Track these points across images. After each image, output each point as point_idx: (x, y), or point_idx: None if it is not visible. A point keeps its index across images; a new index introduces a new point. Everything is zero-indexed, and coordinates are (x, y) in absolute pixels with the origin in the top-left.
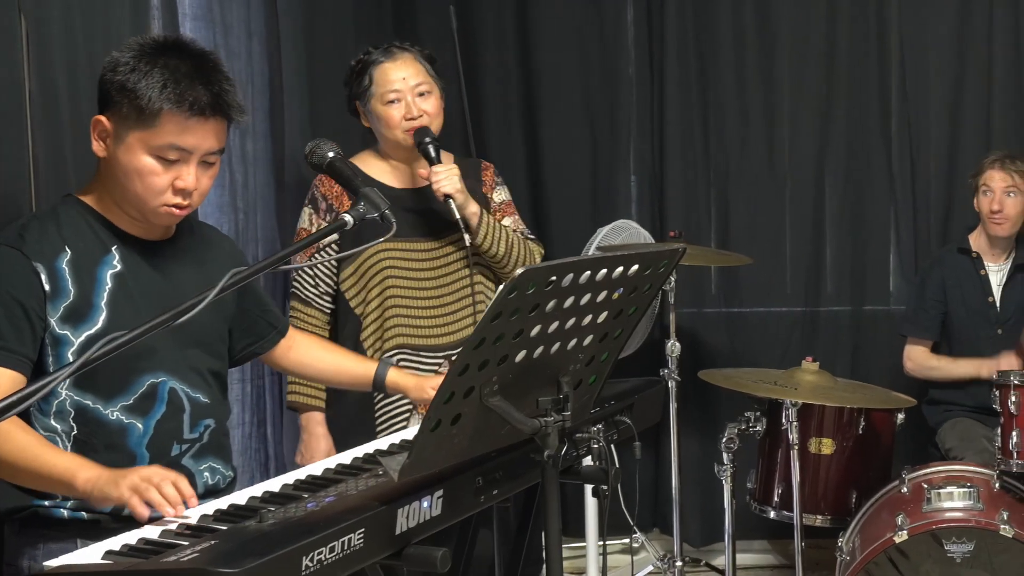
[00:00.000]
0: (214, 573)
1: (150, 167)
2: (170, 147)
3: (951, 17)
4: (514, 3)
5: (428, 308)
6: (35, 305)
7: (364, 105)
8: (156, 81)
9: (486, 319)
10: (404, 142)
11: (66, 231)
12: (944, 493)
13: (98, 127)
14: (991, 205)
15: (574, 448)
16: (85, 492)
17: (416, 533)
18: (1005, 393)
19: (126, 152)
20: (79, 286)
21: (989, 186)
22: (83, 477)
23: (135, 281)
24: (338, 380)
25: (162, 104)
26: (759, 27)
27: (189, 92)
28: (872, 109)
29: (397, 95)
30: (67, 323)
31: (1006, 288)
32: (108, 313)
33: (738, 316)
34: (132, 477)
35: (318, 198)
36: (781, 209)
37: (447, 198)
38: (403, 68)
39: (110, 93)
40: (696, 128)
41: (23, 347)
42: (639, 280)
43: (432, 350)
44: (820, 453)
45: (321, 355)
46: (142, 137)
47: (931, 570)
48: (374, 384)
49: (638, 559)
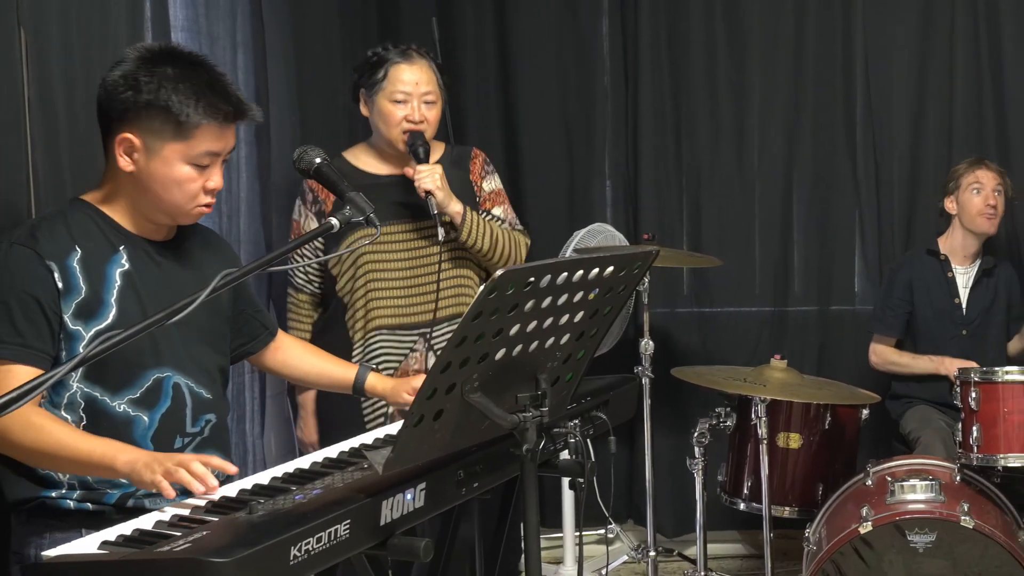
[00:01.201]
0: (206, 563)
1: (188, 175)
2: (206, 154)
3: (914, 27)
4: (494, 15)
5: (405, 288)
6: (50, 301)
7: (370, 96)
8: (188, 97)
9: (467, 318)
10: (397, 141)
11: (75, 231)
12: (907, 486)
13: (124, 144)
14: (986, 200)
15: (552, 442)
16: (125, 473)
17: (400, 524)
18: (966, 389)
19: (162, 164)
20: (90, 283)
21: (982, 183)
22: (123, 460)
23: (141, 279)
24: (320, 382)
25: (199, 119)
26: (729, 39)
27: (219, 103)
28: (838, 117)
29: (406, 96)
30: (79, 318)
31: (972, 291)
32: (117, 309)
33: (709, 316)
34: (167, 463)
35: (306, 191)
36: (750, 213)
37: (428, 195)
38: (418, 72)
39: (134, 110)
40: (668, 135)
41: (42, 343)
42: (614, 281)
43: (408, 328)
44: (788, 447)
45: (306, 358)
46: (178, 148)
47: (894, 560)
48: (354, 388)
49: (613, 549)
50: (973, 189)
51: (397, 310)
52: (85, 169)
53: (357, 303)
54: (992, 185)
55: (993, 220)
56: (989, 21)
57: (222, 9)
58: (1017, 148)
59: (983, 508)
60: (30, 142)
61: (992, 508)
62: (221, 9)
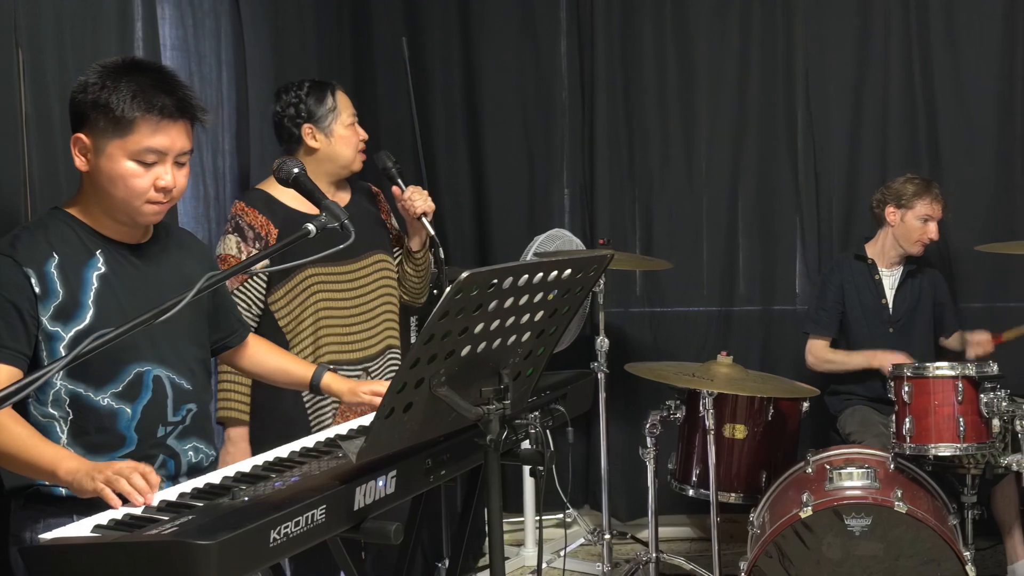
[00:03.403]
0: (191, 544)
1: (131, 171)
2: (146, 150)
3: (851, 46)
4: (460, 36)
5: (352, 325)
6: (27, 306)
7: (323, 127)
8: (126, 94)
9: (434, 317)
10: (354, 163)
11: (53, 239)
12: (844, 473)
13: (78, 144)
14: (930, 234)
15: (513, 433)
16: (66, 482)
17: (373, 509)
18: (899, 384)
19: (108, 161)
20: (67, 287)
21: (931, 216)
22: (64, 468)
23: (118, 280)
24: (282, 380)
25: (134, 112)
26: (679, 57)
27: (156, 99)
28: (779, 130)
29: (354, 119)
30: (57, 320)
31: (898, 292)
32: (95, 310)
33: (660, 315)
34: (106, 472)
35: (244, 227)
36: (698, 219)
37: (420, 217)
38: (347, 97)
39: (84, 112)
40: (622, 147)
41: (18, 344)
42: (571, 283)
43: (352, 364)
44: (734, 437)
45: (271, 357)
46: (120, 145)
47: (833, 543)
48: (311, 386)
49: (571, 532)
50: (923, 218)
51: (344, 346)
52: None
53: (305, 340)
54: (938, 218)
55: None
56: (921, 42)
57: (208, 30)
58: (947, 160)
59: (915, 494)
60: (27, 153)
61: (924, 494)
62: (207, 30)
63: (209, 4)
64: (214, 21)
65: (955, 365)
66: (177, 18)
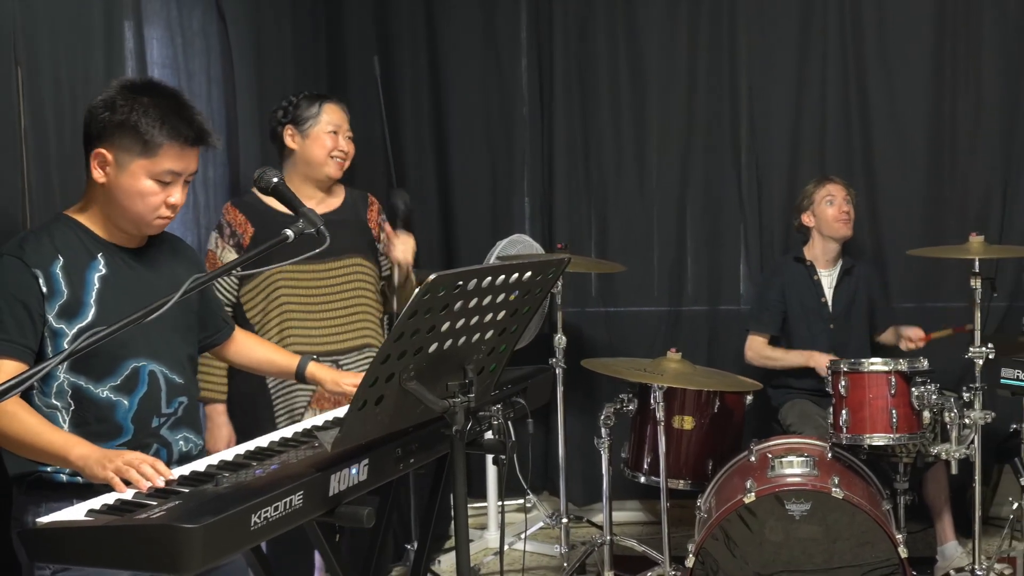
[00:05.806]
0: (178, 528)
1: (150, 189)
2: (167, 172)
3: (791, 64)
4: (427, 55)
5: (319, 321)
6: (35, 304)
7: (301, 130)
8: (155, 119)
9: (404, 316)
10: (328, 167)
11: (58, 242)
12: (785, 461)
13: (98, 158)
14: (840, 208)
15: (477, 424)
16: (78, 467)
17: (347, 495)
18: (836, 378)
19: (129, 178)
20: (71, 287)
21: (833, 195)
22: (76, 453)
23: (118, 282)
24: (268, 370)
25: (163, 138)
26: (631, 75)
27: (182, 127)
28: (725, 142)
29: (338, 129)
30: (62, 318)
31: (836, 290)
32: (96, 309)
33: (614, 314)
34: (117, 461)
35: (223, 225)
36: (650, 225)
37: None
38: (342, 113)
39: (109, 129)
40: (579, 158)
41: (25, 340)
42: (531, 284)
43: (323, 355)
44: (682, 428)
45: (258, 349)
46: (144, 165)
47: (775, 526)
48: (296, 375)
49: (531, 516)
50: (827, 201)
51: (309, 339)
52: (72, 187)
53: (271, 332)
54: (842, 195)
55: (848, 223)
56: (857, 62)
57: (197, 48)
58: (880, 172)
59: (852, 481)
60: (25, 163)
61: (859, 481)
62: (196, 48)
63: (198, 25)
64: (203, 41)
65: (888, 361)
66: (167, 39)
